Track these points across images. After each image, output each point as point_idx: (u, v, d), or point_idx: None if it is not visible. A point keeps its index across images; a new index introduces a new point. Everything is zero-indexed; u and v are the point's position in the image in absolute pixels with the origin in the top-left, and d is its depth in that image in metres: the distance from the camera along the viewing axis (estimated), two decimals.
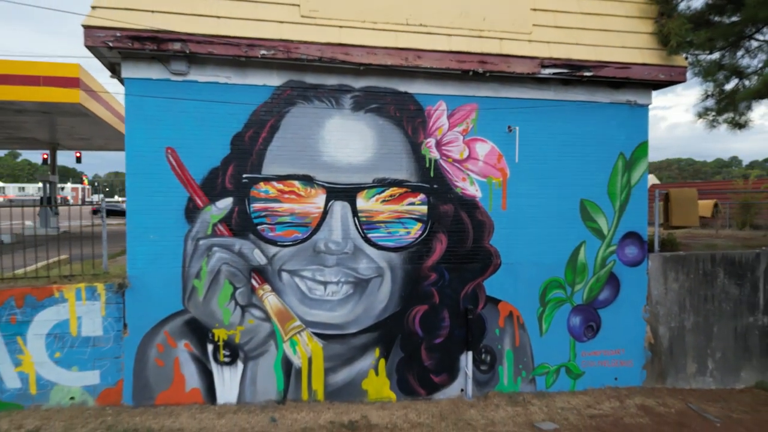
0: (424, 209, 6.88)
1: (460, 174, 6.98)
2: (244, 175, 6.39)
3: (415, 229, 6.87)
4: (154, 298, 6.19)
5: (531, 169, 7.17)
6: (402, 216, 6.82)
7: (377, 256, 6.75)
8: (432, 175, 6.89)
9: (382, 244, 6.76)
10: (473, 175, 7.03)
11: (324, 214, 6.59)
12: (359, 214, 6.67)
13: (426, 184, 6.87)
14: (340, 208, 6.62)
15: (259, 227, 6.44)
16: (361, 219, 6.68)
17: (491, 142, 7.05)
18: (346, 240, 6.64)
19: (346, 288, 6.67)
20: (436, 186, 6.90)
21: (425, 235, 6.89)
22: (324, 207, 6.59)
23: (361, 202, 6.68)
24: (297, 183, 6.52)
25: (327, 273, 6.60)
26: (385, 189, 6.76)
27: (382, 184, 6.75)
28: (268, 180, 6.45)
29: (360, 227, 6.68)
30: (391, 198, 6.78)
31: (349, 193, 6.65)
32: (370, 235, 6.72)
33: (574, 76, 7.00)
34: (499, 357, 7.17)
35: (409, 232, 6.85)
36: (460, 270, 7.01)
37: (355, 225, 6.67)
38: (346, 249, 6.64)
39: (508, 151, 7.10)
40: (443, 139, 6.92)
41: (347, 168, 6.64)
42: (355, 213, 6.66)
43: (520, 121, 7.10)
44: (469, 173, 7.01)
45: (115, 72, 6.69)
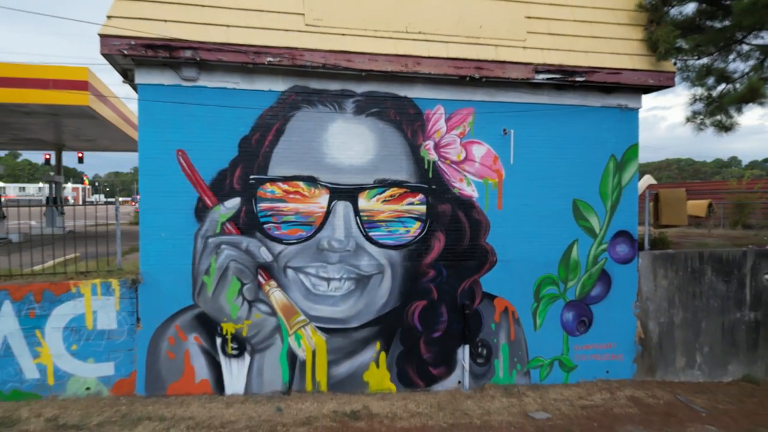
0: (423, 209, 7.18)
1: (458, 175, 7.29)
2: (251, 176, 6.69)
3: (415, 228, 7.17)
4: (166, 293, 6.50)
5: (525, 171, 7.47)
6: (402, 215, 7.12)
7: (378, 254, 7.05)
8: (430, 176, 7.19)
9: (382, 242, 7.06)
10: (470, 176, 7.33)
11: (327, 213, 6.90)
12: (361, 214, 6.98)
13: (425, 185, 7.17)
14: (342, 208, 6.92)
15: (265, 226, 6.74)
16: (362, 218, 6.99)
17: (487, 145, 7.36)
18: (349, 238, 6.95)
19: (348, 284, 6.97)
20: (434, 186, 7.20)
21: (424, 233, 7.19)
22: (327, 207, 6.89)
23: (363, 202, 6.99)
24: (301, 184, 6.83)
25: (330, 270, 6.91)
26: (386, 189, 7.06)
27: (383, 184, 7.05)
28: (274, 181, 6.75)
29: (362, 226, 6.99)
30: (391, 198, 7.08)
31: (351, 194, 6.95)
32: (371, 234, 7.02)
33: (567, 81, 7.30)
34: (495, 350, 7.48)
35: (408, 231, 7.15)
36: (458, 267, 7.31)
37: (357, 224, 6.97)
38: (349, 247, 6.95)
39: (503, 153, 7.40)
40: (441, 142, 7.22)
41: (349, 169, 6.95)
42: (357, 212, 6.96)
43: (515, 125, 7.40)
44: (466, 174, 7.31)
45: (127, 77, 7.01)
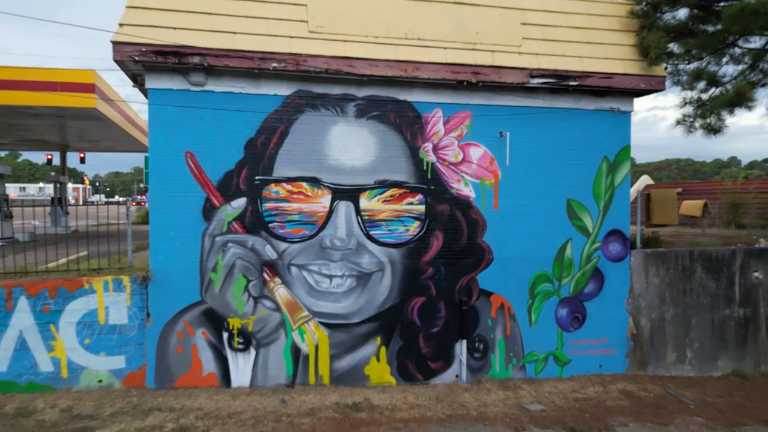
0: (422, 208, 7.44)
1: (455, 176, 7.55)
2: (257, 177, 6.95)
3: (414, 227, 7.43)
4: (175, 289, 6.76)
5: (521, 172, 7.73)
6: (401, 215, 7.38)
7: (378, 252, 7.32)
8: (429, 177, 7.45)
9: (383, 240, 7.33)
10: (467, 177, 7.59)
11: (330, 213, 7.16)
12: (362, 213, 7.24)
13: (423, 186, 7.44)
14: (344, 208, 7.19)
15: (270, 225, 7.01)
16: (363, 217, 7.25)
17: (484, 147, 7.62)
18: (350, 237, 7.21)
19: (350, 281, 7.24)
20: (433, 187, 7.46)
21: (423, 232, 7.45)
22: (330, 206, 7.16)
23: (364, 202, 7.25)
24: (305, 184, 7.09)
25: (332, 267, 7.17)
26: (386, 190, 7.33)
27: (383, 185, 7.31)
28: (278, 181, 7.02)
29: (363, 225, 7.25)
30: (391, 198, 7.34)
31: (352, 194, 7.21)
32: (372, 233, 7.28)
33: (561, 85, 7.56)
34: (492, 345, 7.74)
35: (408, 230, 7.41)
36: (455, 265, 7.57)
37: (358, 223, 7.23)
38: (350, 245, 7.21)
39: (499, 154, 7.66)
40: (439, 144, 7.49)
41: (351, 170, 7.21)
42: (358, 212, 7.23)
43: (510, 127, 7.66)
44: (463, 175, 7.57)
45: (137, 82, 7.27)
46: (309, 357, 7.16)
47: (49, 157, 21.25)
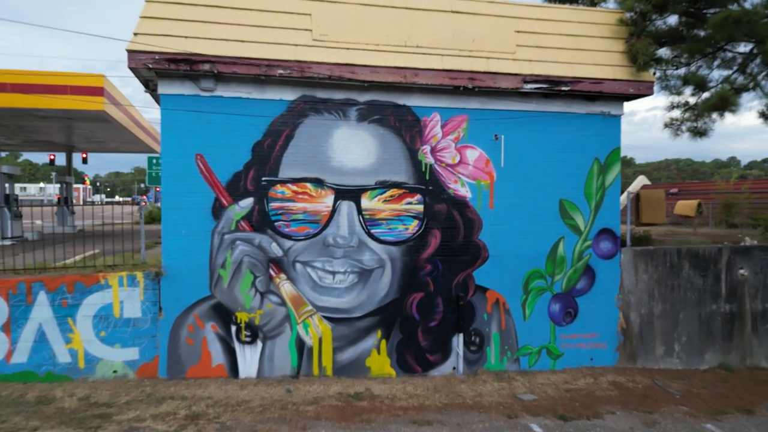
0: (421, 208, 7.80)
1: (453, 177, 7.90)
2: (263, 178, 7.31)
3: (413, 226, 7.78)
4: (185, 285, 7.12)
5: (515, 173, 8.08)
6: (401, 214, 7.74)
7: (379, 250, 7.67)
8: (427, 178, 7.81)
9: (383, 238, 7.68)
10: (464, 178, 7.94)
11: (332, 212, 7.51)
12: (363, 212, 7.59)
13: (422, 186, 7.79)
14: (346, 207, 7.54)
15: (276, 223, 7.36)
16: (365, 216, 7.60)
17: (480, 149, 7.97)
18: (352, 235, 7.56)
19: (351, 277, 7.59)
20: (431, 187, 7.82)
21: (421, 231, 7.81)
22: (332, 206, 7.51)
23: (365, 202, 7.60)
24: (309, 185, 7.44)
25: (335, 264, 7.52)
26: (386, 190, 7.68)
27: (384, 185, 7.66)
28: (284, 182, 7.37)
29: (364, 224, 7.60)
30: (391, 198, 7.70)
31: (354, 194, 7.57)
32: (372, 231, 7.64)
33: (554, 90, 7.91)
34: (487, 339, 8.09)
35: (407, 228, 7.77)
36: (453, 262, 7.92)
37: (360, 222, 7.59)
38: (352, 243, 7.56)
39: (494, 156, 8.02)
40: (437, 146, 7.84)
41: (353, 172, 7.56)
42: (359, 211, 7.58)
43: (505, 130, 8.02)
44: (460, 176, 7.93)
45: (148, 87, 7.63)
46: (313, 349, 7.51)
47: (52, 157, 21.58)
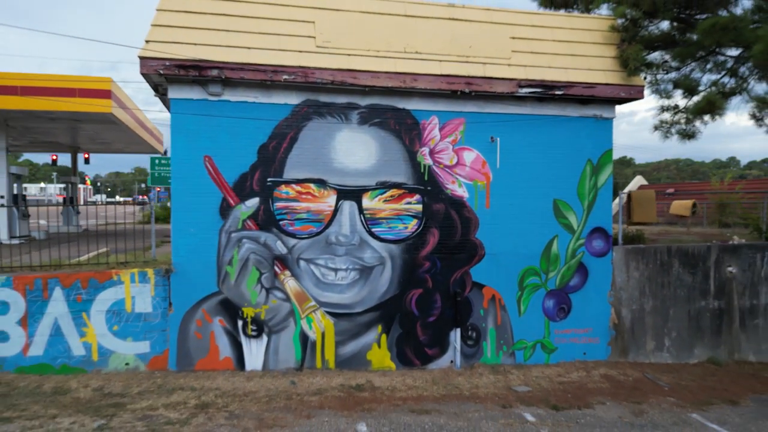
0: (420, 208, 8.11)
1: (450, 178, 8.21)
2: (269, 179, 7.62)
3: (412, 225, 8.09)
4: (194, 281, 7.43)
5: (511, 174, 8.39)
6: (401, 213, 8.05)
7: (380, 248, 7.98)
8: (426, 178, 8.11)
9: (383, 237, 7.99)
10: (461, 179, 8.25)
11: (335, 211, 7.82)
12: (364, 212, 7.90)
13: (421, 186, 8.10)
14: (348, 207, 7.85)
15: (280, 222, 7.67)
16: (366, 216, 7.91)
17: (477, 151, 8.28)
18: (354, 233, 7.87)
19: (353, 274, 7.90)
20: (429, 188, 8.13)
21: (420, 229, 8.12)
22: (335, 206, 7.82)
23: (366, 202, 7.91)
24: (312, 185, 7.75)
25: (337, 261, 7.83)
26: (387, 190, 7.99)
27: (384, 186, 7.97)
28: (288, 183, 7.68)
29: (365, 223, 7.91)
30: (391, 198, 8.01)
31: (356, 194, 7.88)
32: (373, 230, 7.95)
33: (548, 94, 8.22)
34: (484, 334, 8.40)
35: (406, 227, 8.08)
36: (450, 259, 8.23)
37: (361, 221, 7.90)
38: (354, 241, 7.87)
39: (491, 158, 8.32)
40: (436, 148, 8.15)
41: (354, 173, 7.87)
42: (361, 211, 7.89)
43: (501, 133, 8.32)
44: (457, 177, 8.24)
45: (158, 91, 7.94)
46: (316, 343, 7.82)
47: (54, 157, 21.88)
